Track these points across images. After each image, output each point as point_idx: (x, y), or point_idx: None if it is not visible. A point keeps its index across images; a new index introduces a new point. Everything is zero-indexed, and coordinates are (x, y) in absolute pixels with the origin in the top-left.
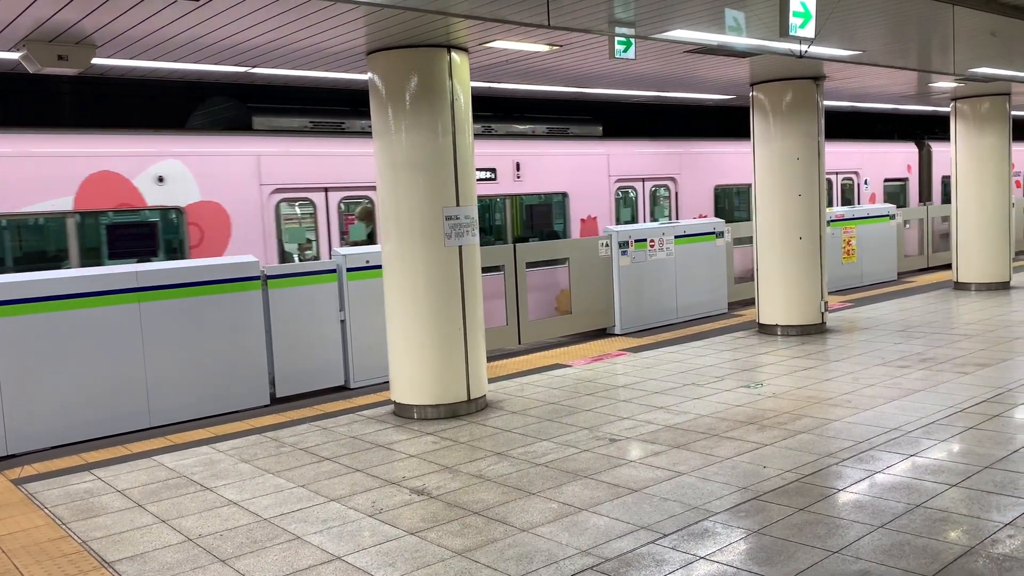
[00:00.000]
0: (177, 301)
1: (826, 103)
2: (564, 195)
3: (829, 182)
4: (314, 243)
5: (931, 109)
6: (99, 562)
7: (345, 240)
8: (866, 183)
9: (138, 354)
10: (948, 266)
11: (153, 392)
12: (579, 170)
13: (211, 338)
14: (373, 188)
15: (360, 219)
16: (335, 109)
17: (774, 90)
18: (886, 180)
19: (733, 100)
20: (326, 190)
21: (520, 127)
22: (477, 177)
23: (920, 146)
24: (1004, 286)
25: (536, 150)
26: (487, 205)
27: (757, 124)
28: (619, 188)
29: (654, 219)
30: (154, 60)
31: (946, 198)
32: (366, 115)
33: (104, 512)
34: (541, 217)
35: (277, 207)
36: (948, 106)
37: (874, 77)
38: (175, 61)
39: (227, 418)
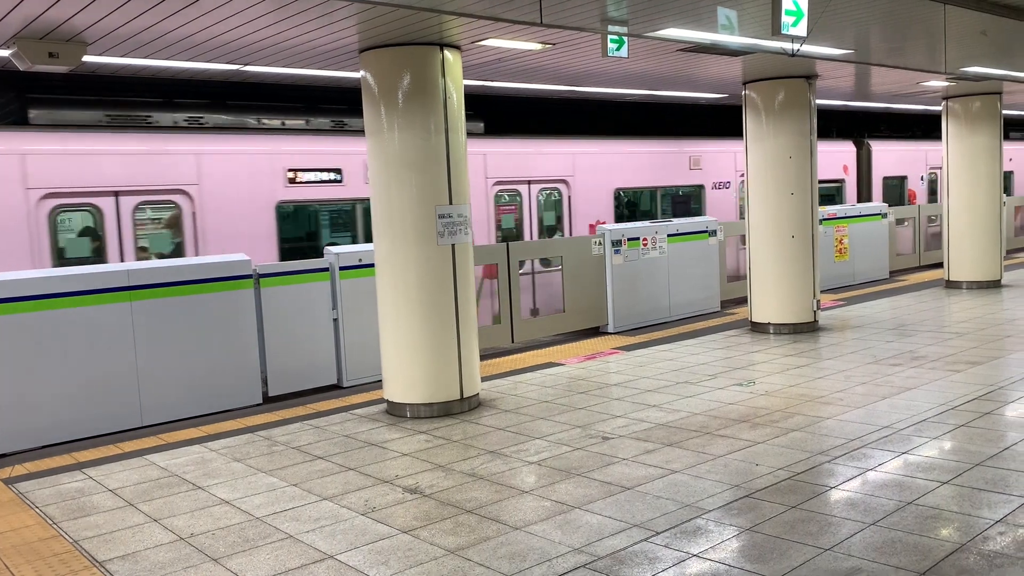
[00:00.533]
0: (169, 300)
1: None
2: None
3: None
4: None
5: (867, 105)
6: (90, 561)
7: (145, 254)
8: None
9: (129, 353)
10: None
11: (145, 391)
12: None
13: (203, 337)
14: (180, 192)
15: (167, 227)
16: (140, 101)
17: (766, 89)
18: (819, 181)
19: (725, 99)
20: (116, 194)
21: None
22: (319, 179)
23: (859, 145)
24: (995, 284)
25: None
26: (334, 211)
27: (749, 123)
28: (499, 192)
29: (542, 226)
30: (145, 58)
31: (888, 201)
32: (180, 107)
33: (95, 511)
34: None
35: (51, 216)
36: (940, 105)
37: (866, 76)
38: (167, 59)
39: (219, 417)
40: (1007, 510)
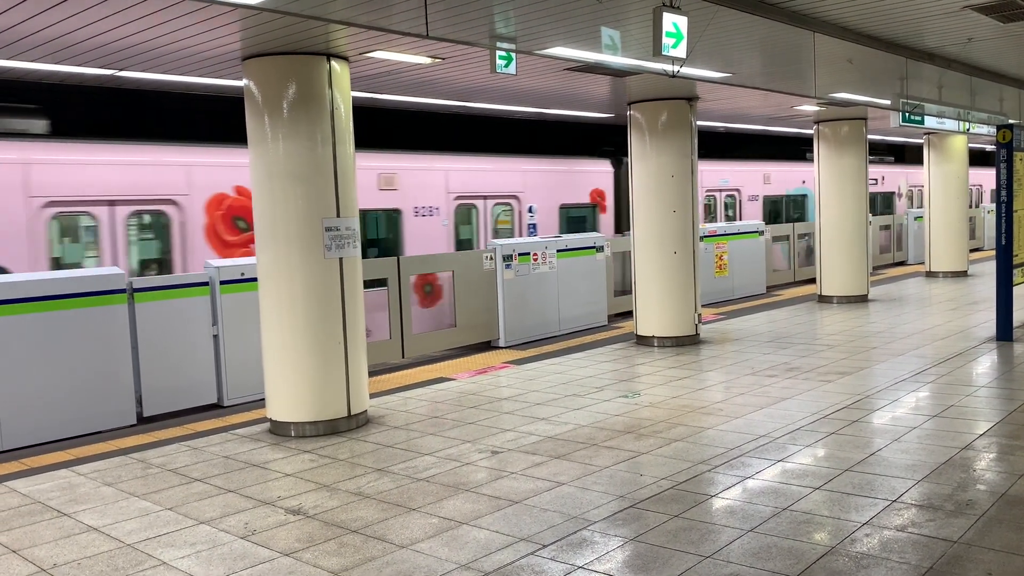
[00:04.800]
0: (33, 316)
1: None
2: None
3: (473, 207)
4: None
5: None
6: None
7: None
8: (531, 211)
9: None
10: None
11: (5, 413)
12: None
13: (71, 355)
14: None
15: None
16: None
17: (650, 109)
18: (563, 206)
19: (610, 118)
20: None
21: None
22: None
23: (617, 164)
24: (863, 299)
25: None
26: None
27: (634, 142)
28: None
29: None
30: (10, 59)
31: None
32: None
33: None
34: None
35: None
36: (812, 128)
37: (744, 99)
38: (33, 61)
39: (89, 439)
40: (873, 512)
